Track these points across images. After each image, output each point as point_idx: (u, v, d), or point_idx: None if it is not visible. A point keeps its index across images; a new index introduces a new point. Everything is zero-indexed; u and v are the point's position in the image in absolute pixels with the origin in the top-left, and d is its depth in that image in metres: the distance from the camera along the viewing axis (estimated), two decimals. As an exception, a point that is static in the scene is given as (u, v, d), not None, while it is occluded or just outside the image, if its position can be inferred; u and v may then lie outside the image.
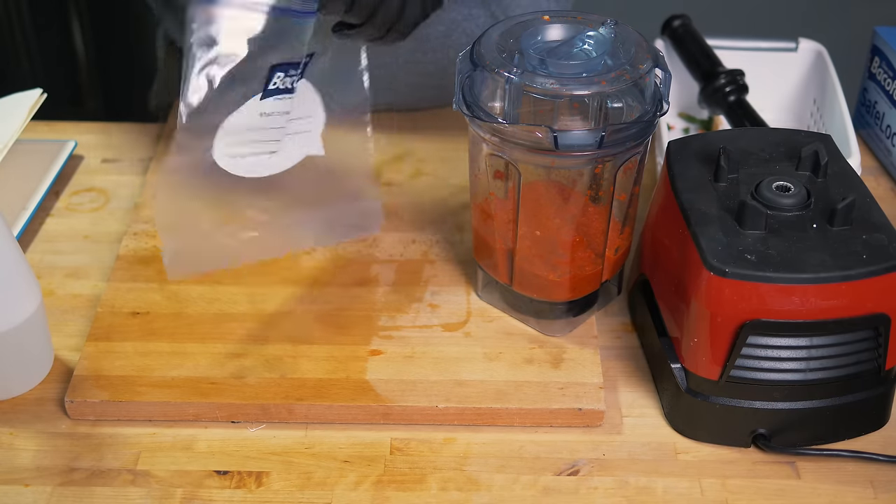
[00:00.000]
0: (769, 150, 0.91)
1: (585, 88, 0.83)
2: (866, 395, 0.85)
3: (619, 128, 0.83)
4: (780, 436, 0.86)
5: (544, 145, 0.83)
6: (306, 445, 0.87)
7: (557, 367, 0.91)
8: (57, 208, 1.12)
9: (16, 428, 0.88)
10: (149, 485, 0.83)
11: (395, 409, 0.88)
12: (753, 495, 0.83)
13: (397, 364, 0.91)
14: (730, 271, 0.80)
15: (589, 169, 0.86)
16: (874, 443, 0.88)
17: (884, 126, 1.20)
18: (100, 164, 1.18)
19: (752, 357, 0.82)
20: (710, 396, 0.85)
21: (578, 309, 0.96)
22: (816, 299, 0.80)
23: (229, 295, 0.98)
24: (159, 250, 1.03)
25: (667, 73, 0.86)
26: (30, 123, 1.11)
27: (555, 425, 0.88)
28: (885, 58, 1.19)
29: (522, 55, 0.86)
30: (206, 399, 0.88)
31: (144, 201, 1.10)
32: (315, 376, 0.90)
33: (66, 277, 1.03)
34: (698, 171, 0.89)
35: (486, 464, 0.85)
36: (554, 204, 0.89)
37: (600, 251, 0.92)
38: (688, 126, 1.25)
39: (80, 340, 0.95)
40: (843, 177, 0.88)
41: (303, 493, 0.83)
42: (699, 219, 0.84)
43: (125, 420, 0.88)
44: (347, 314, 0.96)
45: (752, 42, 1.25)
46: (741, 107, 1.15)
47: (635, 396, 0.91)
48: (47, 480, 0.84)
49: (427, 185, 1.14)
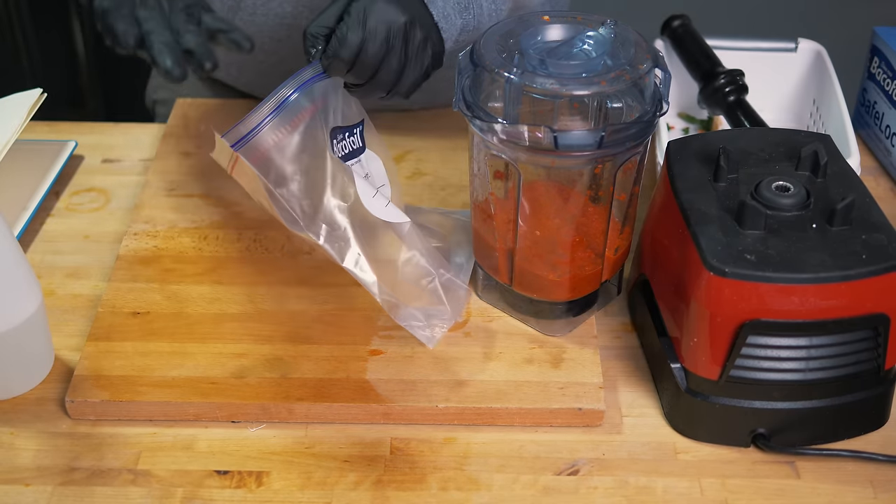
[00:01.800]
0: (769, 150, 0.91)
1: (585, 88, 0.83)
2: (866, 394, 0.85)
3: (619, 128, 0.84)
4: (779, 436, 0.86)
5: (544, 145, 0.83)
6: (306, 445, 0.87)
7: (557, 367, 0.91)
8: (57, 208, 1.12)
9: (16, 428, 0.88)
10: (149, 484, 0.83)
11: (395, 409, 0.88)
12: (753, 495, 0.83)
13: (397, 364, 0.91)
14: (729, 271, 0.80)
15: (589, 169, 0.86)
16: (874, 443, 0.88)
17: (883, 126, 1.20)
18: (100, 164, 1.18)
19: (751, 357, 0.82)
20: (709, 396, 0.85)
21: (578, 309, 0.96)
22: (816, 299, 0.80)
23: (229, 295, 0.98)
24: (161, 250, 1.03)
25: (666, 73, 0.86)
26: (30, 123, 1.11)
27: (555, 425, 0.88)
28: (885, 58, 1.19)
29: (522, 55, 0.86)
30: (206, 399, 0.88)
31: (144, 201, 1.10)
32: (315, 376, 0.90)
33: (66, 277, 1.03)
34: (698, 171, 0.89)
35: (486, 463, 0.85)
36: (554, 204, 0.89)
37: (600, 251, 0.92)
38: (688, 126, 1.25)
39: (81, 340, 0.95)
40: (843, 177, 0.88)
41: (303, 492, 0.83)
42: (699, 219, 0.84)
43: (125, 420, 0.88)
44: (347, 314, 0.96)
45: (752, 42, 1.25)
46: (741, 107, 1.15)
47: (635, 396, 0.92)
48: (48, 480, 0.84)
49: (427, 185, 1.14)
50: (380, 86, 0.92)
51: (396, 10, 0.90)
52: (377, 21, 0.89)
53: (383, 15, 0.89)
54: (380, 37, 0.89)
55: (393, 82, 0.92)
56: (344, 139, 0.92)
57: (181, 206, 1.09)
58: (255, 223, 1.07)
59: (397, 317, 0.89)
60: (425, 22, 0.93)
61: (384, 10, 0.89)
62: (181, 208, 1.09)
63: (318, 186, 0.88)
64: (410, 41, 0.91)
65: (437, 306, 0.91)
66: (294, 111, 0.88)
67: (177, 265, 1.02)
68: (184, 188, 1.12)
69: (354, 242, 0.88)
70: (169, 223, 1.07)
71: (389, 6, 0.90)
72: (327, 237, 0.88)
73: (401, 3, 0.91)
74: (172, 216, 1.08)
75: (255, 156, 0.87)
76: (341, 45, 0.88)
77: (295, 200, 0.87)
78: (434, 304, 0.91)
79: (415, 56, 0.92)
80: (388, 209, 0.92)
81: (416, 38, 0.92)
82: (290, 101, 0.88)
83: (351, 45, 0.88)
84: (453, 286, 0.93)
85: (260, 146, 0.87)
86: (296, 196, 0.88)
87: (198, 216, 1.08)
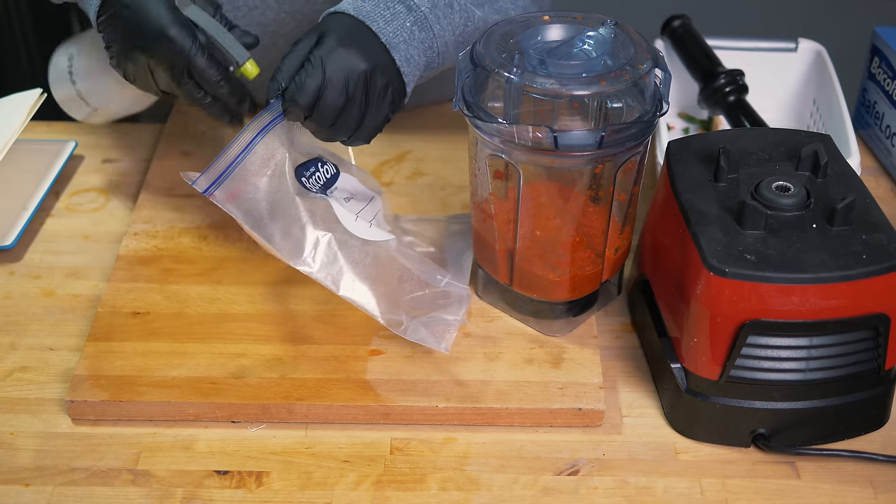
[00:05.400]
0: (769, 150, 0.91)
1: (585, 88, 0.83)
2: (866, 394, 0.85)
3: (619, 128, 0.84)
4: (779, 436, 0.86)
5: (544, 145, 0.83)
6: (306, 445, 0.87)
7: (557, 367, 0.91)
8: (57, 208, 1.12)
9: (16, 428, 0.88)
10: (149, 485, 0.83)
11: (395, 409, 0.88)
12: (753, 495, 0.83)
13: (397, 364, 0.91)
14: (730, 271, 0.80)
15: (589, 169, 0.86)
16: (874, 443, 0.88)
17: (883, 126, 1.20)
18: (100, 164, 1.18)
19: (751, 357, 0.82)
20: (710, 396, 0.85)
21: (578, 309, 0.96)
22: (816, 299, 0.80)
23: (229, 295, 0.98)
24: (161, 250, 1.03)
25: (667, 73, 0.86)
26: (30, 123, 1.12)
27: (555, 425, 0.88)
28: (885, 58, 1.19)
29: (522, 55, 0.86)
30: (206, 399, 0.88)
31: (144, 201, 1.10)
32: (315, 376, 0.90)
33: (66, 277, 1.03)
34: (698, 171, 0.89)
35: (486, 464, 0.85)
36: (554, 204, 0.89)
37: (600, 251, 0.92)
38: (688, 126, 1.25)
39: (80, 340, 0.95)
40: (843, 177, 0.88)
41: (303, 492, 0.83)
42: (699, 219, 0.84)
43: (125, 420, 0.88)
44: (347, 314, 0.96)
45: (751, 42, 1.25)
46: (741, 107, 1.15)
47: (635, 396, 0.91)
48: (47, 480, 0.84)
49: (427, 185, 1.14)
50: (339, 132, 0.92)
51: (357, 57, 0.89)
52: (337, 68, 0.88)
53: (343, 62, 0.88)
54: (339, 85, 0.88)
55: (353, 128, 0.92)
56: (317, 170, 0.93)
57: (181, 206, 1.09)
58: (255, 223, 1.07)
59: (404, 334, 0.88)
60: (387, 69, 0.91)
61: (344, 57, 0.88)
62: (181, 208, 1.09)
63: (297, 223, 0.89)
64: (371, 90, 0.90)
65: (442, 313, 0.91)
66: (262, 155, 0.88)
67: (177, 265, 1.02)
68: (184, 188, 1.12)
69: (347, 269, 0.89)
70: (169, 223, 1.07)
71: (349, 53, 0.88)
72: (320, 268, 0.88)
73: (362, 49, 0.89)
74: (172, 216, 1.08)
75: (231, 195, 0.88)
76: (299, 90, 0.87)
77: (278, 239, 0.88)
78: (438, 312, 0.91)
79: (375, 104, 0.91)
80: (371, 230, 0.92)
81: (377, 86, 0.91)
82: (255, 143, 0.88)
83: (308, 92, 0.87)
84: (454, 290, 0.93)
85: (234, 186, 0.88)
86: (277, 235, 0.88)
87: (198, 216, 1.08)
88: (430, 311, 0.91)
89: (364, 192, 0.98)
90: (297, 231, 0.88)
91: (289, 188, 0.89)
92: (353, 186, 0.97)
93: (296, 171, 0.92)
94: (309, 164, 0.93)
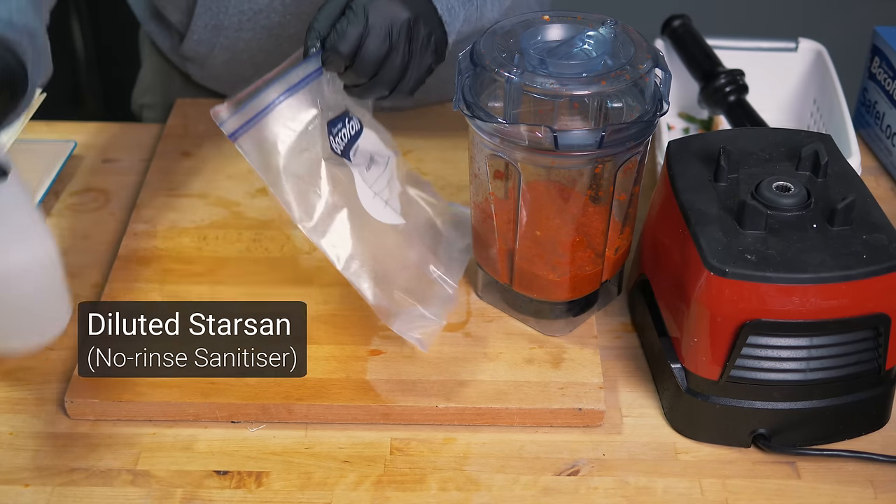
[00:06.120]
0: (769, 150, 0.91)
1: (585, 88, 0.83)
2: (866, 395, 0.85)
3: (619, 128, 0.83)
4: (780, 436, 0.86)
5: (544, 145, 0.83)
6: (306, 445, 0.87)
7: (557, 367, 0.91)
8: (57, 208, 1.12)
9: (16, 428, 0.88)
10: (149, 485, 0.83)
11: (395, 409, 0.88)
12: (753, 495, 0.83)
13: (397, 364, 0.91)
14: (730, 271, 0.80)
15: (589, 169, 0.86)
16: (874, 443, 0.87)
17: (884, 126, 1.20)
18: (100, 164, 1.18)
19: (752, 357, 0.82)
20: (710, 396, 0.85)
21: (578, 309, 0.96)
22: (816, 299, 0.80)
23: (229, 295, 0.98)
24: (160, 250, 1.03)
25: (667, 73, 0.86)
26: (30, 123, 1.11)
27: (555, 425, 0.88)
28: (885, 58, 1.19)
29: (522, 55, 0.86)
30: (206, 399, 0.88)
31: (144, 201, 1.10)
32: (315, 376, 0.90)
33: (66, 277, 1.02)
34: (698, 171, 0.89)
35: (486, 464, 0.85)
36: (554, 204, 0.89)
37: (600, 251, 0.92)
38: (688, 126, 1.25)
39: (80, 340, 0.95)
40: (843, 177, 0.88)
41: (303, 493, 0.83)
42: (699, 219, 0.84)
43: (125, 420, 0.88)
44: (347, 314, 0.96)
45: (752, 42, 1.25)
46: (741, 107, 1.15)
47: (635, 396, 0.91)
48: (47, 480, 0.84)
49: (427, 185, 1.14)
50: (382, 84, 0.89)
51: (400, 5, 0.87)
52: (380, 16, 0.86)
53: (386, 10, 0.87)
54: (381, 33, 0.86)
55: (396, 80, 0.90)
56: (343, 126, 0.91)
57: (181, 206, 1.09)
58: (255, 223, 1.07)
59: (392, 325, 0.88)
60: (430, 17, 0.90)
61: (387, 5, 0.87)
62: (181, 208, 1.09)
63: (314, 188, 0.88)
64: (415, 38, 0.89)
65: (426, 310, 0.91)
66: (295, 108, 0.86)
67: (176, 265, 1.02)
68: (184, 188, 1.12)
69: (353, 245, 0.88)
70: (169, 223, 1.07)
71: (392, 2, 0.87)
72: (326, 238, 0.87)
73: None
74: (172, 216, 1.08)
75: (255, 143, 0.85)
76: (340, 38, 0.85)
77: (291, 198, 0.87)
78: (424, 307, 0.91)
79: (419, 53, 0.90)
80: (385, 211, 0.91)
81: (420, 34, 0.89)
82: (290, 94, 0.86)
83: (350, 39, 0.85)
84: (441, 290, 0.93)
85: (260, 135, 0.86)
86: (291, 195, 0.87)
87: (198, 216, 1.08)
88: (417, 302, 0.91)
89: (383, 150, 0.96)
90: (312, 196, 0.87)
91: (318, 149, 0.87)
92: (373, 145, 0.95)
93: (327, 126, 0.90)
94: (337, 121, 0.91)
